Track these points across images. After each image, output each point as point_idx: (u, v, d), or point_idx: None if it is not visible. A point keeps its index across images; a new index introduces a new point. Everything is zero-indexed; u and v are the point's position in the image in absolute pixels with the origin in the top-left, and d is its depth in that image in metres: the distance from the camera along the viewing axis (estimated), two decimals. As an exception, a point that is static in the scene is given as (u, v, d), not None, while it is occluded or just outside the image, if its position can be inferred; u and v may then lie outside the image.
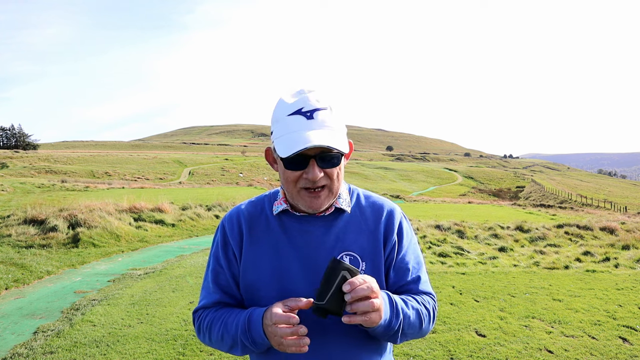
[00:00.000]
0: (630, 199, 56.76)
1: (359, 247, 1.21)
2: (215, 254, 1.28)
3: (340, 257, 1.19)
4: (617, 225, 12.29)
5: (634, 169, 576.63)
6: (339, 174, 1.17)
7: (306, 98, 1.14)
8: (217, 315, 1.22)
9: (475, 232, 11.08)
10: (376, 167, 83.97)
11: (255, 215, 1.26)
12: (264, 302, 1.17)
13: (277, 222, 1.23)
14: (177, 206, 13.03)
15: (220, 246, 1.26)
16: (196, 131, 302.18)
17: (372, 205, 1.28)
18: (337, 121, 1.15)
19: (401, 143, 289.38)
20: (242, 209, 1.29)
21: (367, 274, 1.19)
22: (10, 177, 35.02)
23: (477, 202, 30.29)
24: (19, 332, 4.35)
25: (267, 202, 1.29)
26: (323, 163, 1.12)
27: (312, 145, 1.07)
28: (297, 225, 1.21)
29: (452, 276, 6.73)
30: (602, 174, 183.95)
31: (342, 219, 1.23)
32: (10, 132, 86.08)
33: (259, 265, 1.20)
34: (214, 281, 1.26)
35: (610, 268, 7.58)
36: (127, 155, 69.64)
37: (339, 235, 1.21)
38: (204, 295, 1.29)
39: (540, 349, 3.95)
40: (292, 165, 1.13)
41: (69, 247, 8.41)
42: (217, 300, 1.25)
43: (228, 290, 1.25)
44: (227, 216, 1.30)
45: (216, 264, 1.26)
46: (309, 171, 1.11)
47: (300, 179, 1.14)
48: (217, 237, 1.29)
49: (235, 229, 1.25)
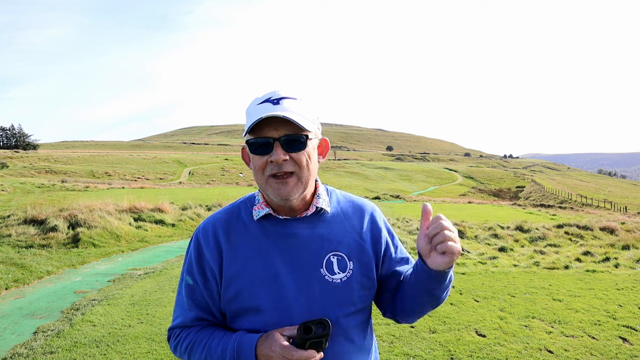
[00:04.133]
0: (630, 199, 56.74)
1: (346, 247, 1.21)
2: (189, 269, 1.22)
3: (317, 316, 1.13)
4: (617, 225, 12.30)
5: (634, 169, 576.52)
6: (309, 163, 1.15)
7: (277, 90, 1.18)
8: (199, 338, 1.17)
9: (475, 232, 11.08)
10: (376, 167, 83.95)
11: (232, 223, 1.21)
12: (252, 314, 1.15)
13: (259, 227, 1.19)
14: (177, 206, 13.02)
15: (194, 261, 1.20)
16: (196, 131, 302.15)
17: (352, 205, 1.29)
18: (306, 110, 1.16)
19: (401, 143, 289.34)
20: (217, 218, 1.24)
21: (355, 273, 1.19)
22: (10, 177, 35.02)
23: (477, 202, 30.28)
24: (19, 332, 4.35)
25: (243, 208, 1.24)
26: (288, 147, 1.12)
27: (267, 115, 1.09)
28: (280, 228, 1.19)
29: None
30: (602, 174, 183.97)
31: (325, 220, 1.22)
32: (10, 132, 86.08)
33: (244, 275, 1.16)
34: (190, 297, 1.21)
35: (610, 268, 7.58)
36: (127, 155, 69.62)
37: (324, 235, 1.20)
38: (178, 312, 1.23)
39: (540, 349, 3.95)
40: (258, 149, 1.13)
41: (69, 247, 8.41)
42: (195, 317, 1.21)
43: (205, 307, 1.20)
44: (201, 228, 1.23)
45: (191, 280, 1.21)
46: (273, 153, 1.11)
47: (267, 165, 1.13)
48: (191, 251, 1.23)
49: (211, 240, 1.19)
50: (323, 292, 1.15)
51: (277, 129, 1.12)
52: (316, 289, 1.15)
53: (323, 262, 1.17)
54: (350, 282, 1.18)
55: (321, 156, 1.24)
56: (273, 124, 1.11)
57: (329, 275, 1.17)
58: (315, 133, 1.18)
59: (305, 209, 1.21)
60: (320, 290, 1.15)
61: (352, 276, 1.18)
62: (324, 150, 1.25)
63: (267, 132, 1.12)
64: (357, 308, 1.20)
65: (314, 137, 1.18)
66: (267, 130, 1.12)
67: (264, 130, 1.12)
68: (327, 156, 1.27)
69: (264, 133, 1.12)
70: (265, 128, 1.12)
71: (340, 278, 1.17)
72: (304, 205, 1.21)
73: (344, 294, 1.17)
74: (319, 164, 1.23)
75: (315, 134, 1.18)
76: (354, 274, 1.19)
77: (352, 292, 1.18)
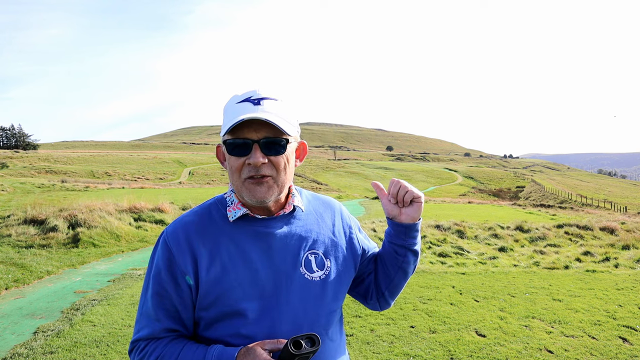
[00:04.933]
0: (630, 199, 56.74)
1: (322, 245, 1.21)
2: (156, 275, 1.14)
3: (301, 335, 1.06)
4: (617, 225, 12.29)
5: (634, 169, 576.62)
6: (286, 167, 1.13)
7: (256, 90, 1.15)
8: (168, 351, 1.10)
9: (475, 232, 11.08)
10: (376, 167, 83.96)
11: (205, 226, 1.16)
12: (234, 319, 1.11)
13: (235, 228, 1.15)
14: (177, 206, 13.02)
15: (163, 267, 1.13)
16: (196, 131, 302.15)
17: (322, 203, 1.31)
18: (287, 112, 1.14)
19: (401, 143, 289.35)
20: (187, 222, 1.17)
21: (332, 271, 1.21)
22: (10, 177, 35.01)
23: (477, 202, 30.28)
24: (19, 332, 4.35)
25: (214, 209, 1.19)
26: (267, 149, 1.10)
27: (248, 117, 1.06)
28: (257, 228, 1.16)
29: (452, 276, 6.73)
30: (602, 174, 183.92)
31: (300, 218, 1.22)
32: (10, 132, 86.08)
33: (224, 279, 1.11)
34: (157, 306, 1.13)
35: (610, 268, 7.58)
36: (127, 155, 69.62)
37: (301, 234, 1.19)
38: (144, 323, 1.14)
39: (540, 349, 3.95)
40: (235, 149, 1.10)
41: (69, 247, 8.41)
42: (164, 327, 1.13)
43: (175, 316, 1.13)
44: (170, 232, 1.16)
45: (159, 288, 1.13)
46: (251, 156, 1.08)
47: (244, 167, 1.10)
48: (158, 256, 1.15)
49: (184, 245, 1.12)
50: (304, 291, 1.15)
51: (257, 130, 1.09)
52: (297, 289, 1.14)
53: (302, 260, 1.17)
54: (328, 280, 1.19)
55: (298, 160, 1.22)
56: (253, 125, 1.09)
57: (308, 274, 1.16)
58: (294, 137, 1.16)
59: (281, 208, 1.20)
60: (300, 290, 1.15)
61: (329, 274, 1.20)
62: (301, 154, 1.23)
63: (247, 133, 1.09)
64: (339, 305, 1.23)
65: (293, 140, 1.16)
66: (246, 132, 1.09)
67: (244, 131, 1.09)
68: (327, 156, 1.25)
69: (243, 134, 1.09)
70: (244, 129, 1.09)
71: (319, 276, 1.18)
72: (279, 205, 1.20)
73: (323, 292, 1.17)
74: (295, 168, 1.21)
75: (294, 137, 1.16)
76: (331, 271, 1.20)
77: (330, 289, 1.19)
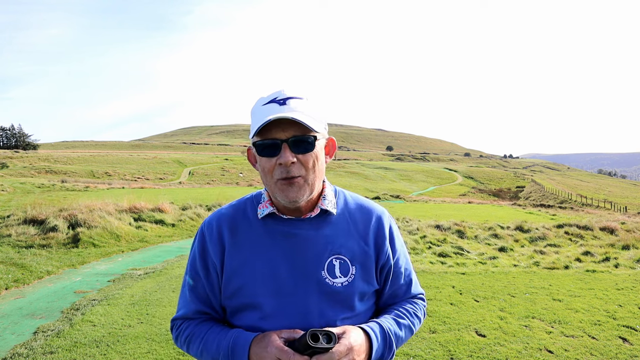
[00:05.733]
0: (630, 199, 56.73)
1: (349, 250, 1.18)
2: (192, 262, 1.24)
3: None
4: (617, 225, 12.29)
5: (634, 169, 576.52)
6: (315, 164, 1.14)
7: (282, 90, 1.16)
8: (197, 331, 1.19)
9: (475, 232, 11.08)
10: (376, 167, 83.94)
11: (237, 219, 1.22)
12: (251, 311, 1.15)
13: (262, 225, 1.19)
14: (177, 206, 13.02)
15: (198, 254, 1.22)
16: (196, 131, 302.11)
17: (360, 208, 1.26)
18: (313, 110, 1.15)
19: (401, 143, 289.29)
20: (222, 214, 1.24)
21: (357, 278, 1.18)
22: (10, 177, 35.02)
23: (477, 202, 30.28)
24: (19, 332, 4.35)
25: (249, 205, 1.24)
26: (295, 148, 1.10)
27: (275, 117, 1.07)
28: (283, 228, 1.18)
29: (452, 276, 6.73)
30: (602, 174, 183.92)
31: (329, 222, 1.20)
32: (10, 132, 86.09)
33: (244, 272, 1.16)
34: (192, 290, 1.23)
35: (610, 268, 7.58)
36: (127, 155, 69.61)
37: (327, 238, 1.18)
38: (182, 304, 1.26)
39: (540, 349, 3.95)
40: (265, 150, 1.11)
41: (69, 247, 8.40)
42: (196, 310, 1.22)
43: (206, 300, 1.22)
44: (207, 222, 1.24)
45: (194, 273, 1.22)
46: (281, 155, 1.09)
47: (275, 168, 1.11)
48: (195, 245, 1.24)
49: (215, 235, 1.20)
50: (322, 295, 1.14)
51: (284, 130, 1.10)
52: (315, 291, 1.14)
53: (325, 264, 1.16)
54: (351, 287, 1.16)
55: (328, 156, 1.22)
56: (281, 125, 1.10)
57: (329, 279, 1.15)
58: (322, 133, 1.16)
59: (311, 209, 1.20)
60: (319, 293, 1.14)
61: (353, 281, 1.17)
62: (330, 150, 1.23)
63: (275, 133, 1.10)
64: (356, 313, 1.18)
65: (322, 137, 1.16)
66: (274, 132, 1.10)
67: (272, 131, 1.10)
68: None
69: (272, 134, 1.10)
70: (272, 129, 1.10)
71: (341, 282, 1.16)
72: (310, 206, 1.19)
73: (343, 298, 1.16)
74: (326, 164, 1.21)
75: (322, 134, 1.16)
76: (356, 279, 1.17)
77: (352, 297, 1.17)
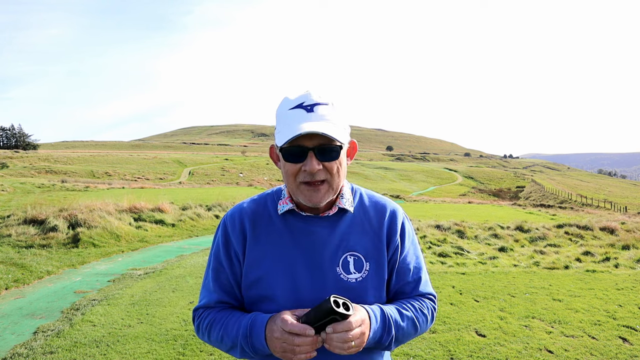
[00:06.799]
0: (630, 199, 56.72)
1: (363, 247, 1.22)
2: (216, 252, 1.27)
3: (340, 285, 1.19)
4: (617, 225, 12.29)
5: (634, 169, 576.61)
6: (340, 170, 1.17)
7: (309, 94, 1.17)
8: (218, 317, 1.22)
9: (475, 232, 11.07)
10: (376, 167, 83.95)
11: (258, 214, 1.26)
12: (268, 303, 1.18)
13: (282, 221, 1.23)
14: (177, 206, 13.02)
15: (221, 245, 1.26)
16: (196, 131, 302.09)
17: (375, 205, 1.29)
18: (338, 116, 1.17)
19: (401, 143, 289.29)
20: (244, 207, 1.28)
21: (371, 274, 1.21)
22: (10, 177, 35.01)
23: (477, 202, 30.29)
24: (19, 332, 4.35)
25: (270, 200, 1.29)
26: (321, 156, 1.13)
27: (306, 132, 1.08)
28: (301, 225, 1.22)
29: (452, 276, 6.73)
30: (602, 174, 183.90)
31: (345, 219, 1.24)
32: (10, 132, 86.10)
33: (263, 264, 1.20)
34: (215, 280, 1.26)
35: (610, 268, 7.57)
36: (127, 155, 69.62)
37: (343, 235, 1.22)
38: (204, 294, 1.29)
39: (540, 349, 3.95)
40: (291, 157, 1.14)
41: (69, 247, 8.40)
42: (218, 299, 1.26)
43: (229, 290, 1.25)
44: (229, 214, 1.29)
45: (217, 263, 1.26)
46: (307, 163, 1.12)
47: (299, 172, 1.14)
48: (218, 236, 1.28)
49: (238, 227, 1.24)
50: (337, 291, 1.17)
51: (311, 138, 1.12)
52: (330, 287, 1.18)
53: (339, 261, 1.20)
54: (365, 283, 1.20)
55: (349, 158, 1.25)
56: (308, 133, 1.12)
57: (344, 275, 1.19)
58: (347, 140, 1.19)
59: (329, 208, 1.23)
60: (334, 289, 1.17)
61: (367, 277, 1.20)
62: (352, 152, 1.26)
63: (302, 140, 1.12)
64: None
65: (346, 143, 1.19)
66: (301, 140, 1.12)
67: (299, 139, 1.12)
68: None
69: (299, 142, 1.12)
70: (299, 137, 1.12)
71: (356, 278, 1.19)
72: (328, 204, 1.23)
73: (357, 294, 1.19)
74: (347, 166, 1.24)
75: (347, 140, 1.19)
76: (370, 275, 1.21)
77: (366, 292, 1.20)
